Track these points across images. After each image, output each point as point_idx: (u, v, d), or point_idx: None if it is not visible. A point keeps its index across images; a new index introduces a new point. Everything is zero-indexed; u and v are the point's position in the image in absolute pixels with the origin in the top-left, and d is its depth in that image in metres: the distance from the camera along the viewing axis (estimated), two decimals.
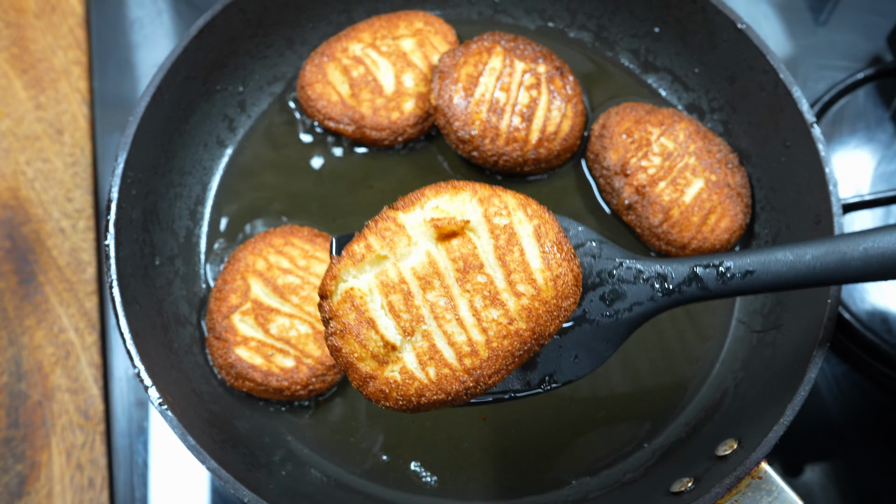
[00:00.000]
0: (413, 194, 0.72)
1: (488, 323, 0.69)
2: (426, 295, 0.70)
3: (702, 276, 0.80)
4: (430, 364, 0.69)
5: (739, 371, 1.04)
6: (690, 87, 1.21)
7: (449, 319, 0.69)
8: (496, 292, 0.69)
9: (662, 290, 0.80)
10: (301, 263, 1.04)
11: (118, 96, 1.31)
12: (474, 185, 0.73)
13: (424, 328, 0.69)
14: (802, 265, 0.78)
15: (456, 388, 0.69)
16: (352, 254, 0.70)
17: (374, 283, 0.70)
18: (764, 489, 0.85)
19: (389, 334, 0.69)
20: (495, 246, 0.70)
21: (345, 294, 0.69)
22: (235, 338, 1.00)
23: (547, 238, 0.71)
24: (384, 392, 0.69)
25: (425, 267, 0.70)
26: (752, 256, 0.80)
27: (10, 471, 1.07)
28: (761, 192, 1.12)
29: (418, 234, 0.70)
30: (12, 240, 1.19)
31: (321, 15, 1.23)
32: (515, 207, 0.72)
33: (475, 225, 0.71)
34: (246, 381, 0.99)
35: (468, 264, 0.70)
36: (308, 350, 1.00)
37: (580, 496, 0.99)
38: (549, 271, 0.70)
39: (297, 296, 1.02)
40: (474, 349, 0.69)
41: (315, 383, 1.00)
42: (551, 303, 0.70)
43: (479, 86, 1.12)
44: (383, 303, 0.69)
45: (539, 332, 0.70)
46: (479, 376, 0.69)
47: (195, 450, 0.85)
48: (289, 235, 1.07)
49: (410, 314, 0.69)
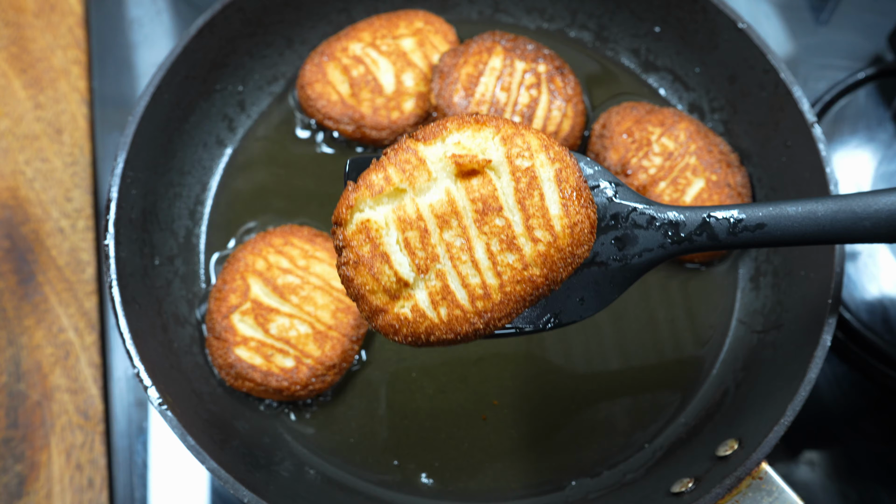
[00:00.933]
0: (435, 126, 0.71)
1: (503, 267, 0.68)
2: (443, 234, 0.69)
3: (713, 226, 0.79)
4: (441, 304, 0.69)
5: (740, 371, 1.04)
6: (691, 86, 1.20)
7: (464, 261, 0.69)
8: (513, 237, 0.68)
9: (674, 237, 0.79)
10: (301, 263, 1.04)
11: (117, 96, 1.30)
12: (498, 122, 0.71)
13: (439, 267, 0.69)
14: (813, 221, 0.78)
15: (465, 330, 0.69)
16: (370, 184, 0.69)
17: (391, 218, 0.69)
18: (764, 489, 0.85)
19: (403, 271, 0.68)
20: (516, 189, 0.69)
21: (360, 224, 0.68)
22: (235, 338, 1.00)
23: (567, 183, 0.69)
24: (394, 327, 0.69)
25: (444, 205, 0.69)
26: (764, 209, 0.79)
27: (9, 471, 1.07)
28: (762, 192, 1.12)
29: (438, 169, 0.69)
30: (11, 240, 1.19)
31: (321, 14, 1.23)
32: (538, 149, 0.70)
33: (496, 165, 0.69)
34: (246, 382, 0.99)
35: (487, 206, 0.69)
36: (308, 350, 1.00)
37: (580, 497, 0.99)
38: (567, 218, 0.69)
39: (296, 296, 1.02)
40: (487, 292, 0.68)
41: (315, 383, 1.00)
42: (566, 250, 0.69)
43: (480, 85, 1.12)
44: (399, 238, 0.68)
45: (552, 278, 0.69)
46: (489, 319, 0.69)
47: (195, 450, 0.85)
48: (288, 235, 1.07)
49: (426, 252, 0.68)
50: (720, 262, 1.11)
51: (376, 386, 1.04)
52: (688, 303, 1.09)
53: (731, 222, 0.79)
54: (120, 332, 0.91)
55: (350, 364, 1.03)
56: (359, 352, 1.05)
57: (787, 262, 1.05)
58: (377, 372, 1.05)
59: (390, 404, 1.03)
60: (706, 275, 1.11)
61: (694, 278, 1.10)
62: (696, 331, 1.08)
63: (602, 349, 1.06)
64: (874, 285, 1.16)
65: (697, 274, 1.11)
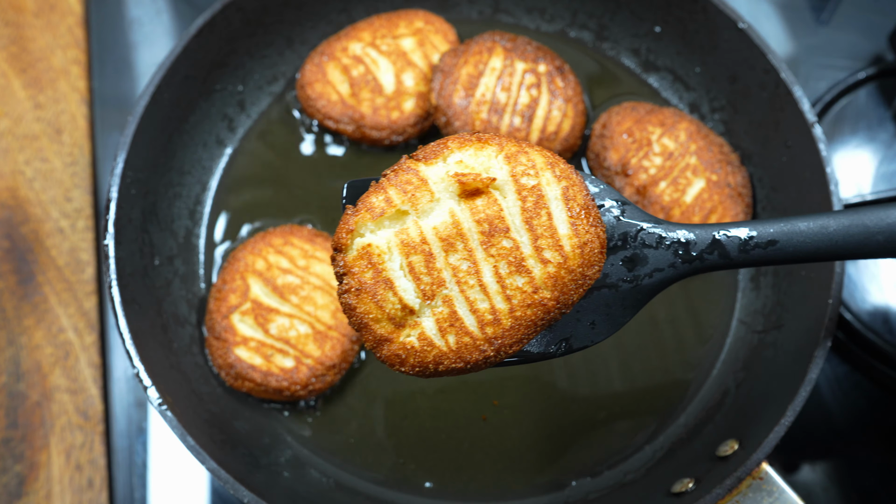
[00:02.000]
0: (435, 145, 0.68)
1: (513, 291, 0.66)
2: (448, 257, 0.66)
3: (724, 244, 0.77)
4: (450, 331, 0.66)
5: (740, 371, 1.04)
6: (691, 86, 1.20)
7: (472, 285, 0.66)
8: (522, 258, 0.66)
9: (684, 256, 0.77)
10: (301, 263, 1.04)
11: (117, 96, 1.30)
12: (501, 139, 0.69)
13: (445, 293, 0.66)
14: (825, 236, 0.76)
15: (475, 358, 0.66)
16: (370, 207, 0.66)
17: (394, 242, 0.66)
18: (765, 490, 0.85)
19: (408, 297, 0.66)
20: (522, 208, 0.66)
21: (361, 250, 0.66)
22: (235, 338, 1.00)
23: (575, 202, 0.67)
24: (400, 357, 0.66)
25: (448, 227, 0.66)
26: (776, 226, 0.77)
27: (9, 471, 1.07)
28: (762, 192, 1.12)
29: (441, 189, 0.67)
30: (11, 240, 1.19)
31: (321, 14, 1.23)
32: (543, 167, 0.68)
33: (501, 184, 0.67)
34: (246, 382, 0.98)
35: (494, 227, 0.66)
36: (308, 350, 1.00)
37: (580, 497, 0.99)
38: (577, 238, 0.66)
39: (296, 296, 1.02)
40: (497, 318, 0.66)
41: (315, 383, 1.00)
42: (577, 271, 0.67)
43: (480, 86, 1.12)
44: (403, 263, 0.66)
45: (563, 301, 0.67)
46: (500, 345, 0.66)
47: (195, 450, 0.85)
48: (288, 235, 1.06)
49: (431, 277, 0.66)
50: None
51: (376, 386, 1.04)
52: (688, 303, 1.09)
53: (742, 240, 0.77)
54: (120, 333, 0.91)
55: (350, 364, 1.03)
56: (359, 352, 1.05)
57: None
58: (377, 372, 1.05)
59: (390, 404, 1.03)
60: (706, 275, 1.11)
61: (694, 279, 1.10)
62: (696, 331, 1.08)
63: (602, 350, 1.06)
64: (875, 285, 1.16)
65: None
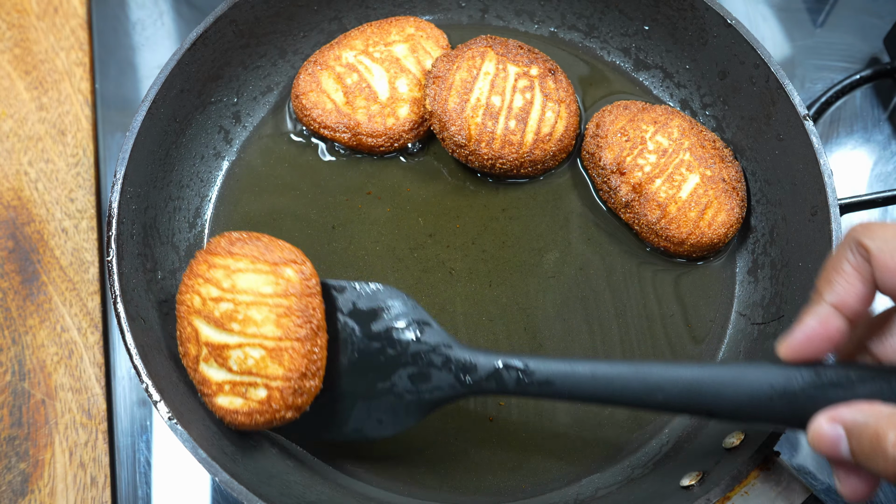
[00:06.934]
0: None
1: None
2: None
3: (503, 376, 0.85)
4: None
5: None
6: (682, 83, 1.22)
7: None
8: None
9: (463, 381, 0.87)
10: (226, 285, 0.94)
11: (120, 97, 1.31)
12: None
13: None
14: (605, 385, 0.81)
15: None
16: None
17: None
18: (773, 479, 0.86)
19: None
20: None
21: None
22: (211, 388, 0.93)
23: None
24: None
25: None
26: (555, 366, 0.84)
27: (13, 469, 1.07)
28: (756, 186, 1.13)
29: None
30: (15, 240, 1.20)
31: (312, 24, 1.23)
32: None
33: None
34: (238, 425, 0.93)
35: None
36: (270, 373, 0.91)
37: (589, 494, 1.00)
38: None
39: (236, 322, 0.92)
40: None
41: (297, 400, 0.92)
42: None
43: (474, 90, 1.12)
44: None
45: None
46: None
47: (206, 463, 0.86)
48: (208, 256, 0.96)
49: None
50: (716, 258, 1.12)
51: None
52: (686, 297, 1.10)
53: (519, 376, 0.84)
54: (127, 349, 0.91)
55: (324, 362, 0.94)
56: (325, 346, 0.95)
57: (784, 254, 1.07)
58: None
59: None
60: (704, 269, 1.12)
61: (692, 272, 1.12)
62: (695, 325, 1.09)
63: (605, 346, 1.07)
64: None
65: (695, 268, 1.12)
